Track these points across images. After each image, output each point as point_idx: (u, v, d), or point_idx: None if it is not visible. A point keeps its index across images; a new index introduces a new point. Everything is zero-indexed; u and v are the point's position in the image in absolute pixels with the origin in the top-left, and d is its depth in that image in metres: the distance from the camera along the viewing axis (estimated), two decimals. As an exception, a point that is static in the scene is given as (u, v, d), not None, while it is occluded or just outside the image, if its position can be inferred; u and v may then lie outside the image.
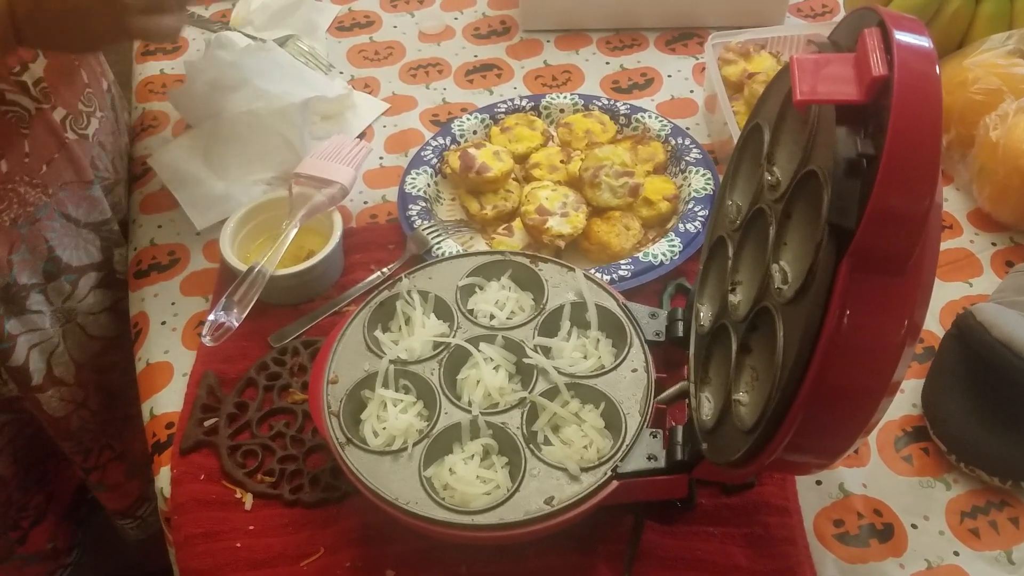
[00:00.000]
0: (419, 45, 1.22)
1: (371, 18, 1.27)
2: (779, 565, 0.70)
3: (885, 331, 0.52)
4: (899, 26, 0.50)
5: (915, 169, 0.48)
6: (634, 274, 0.88)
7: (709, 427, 0.64)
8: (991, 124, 0.94)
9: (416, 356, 0.73)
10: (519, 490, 0.66)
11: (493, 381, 0.71)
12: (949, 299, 0.89)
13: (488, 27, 1.25)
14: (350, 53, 1.21)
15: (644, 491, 0.68)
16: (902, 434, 0.79)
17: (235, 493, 0.76)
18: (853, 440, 0.56)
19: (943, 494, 0.76)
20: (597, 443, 0.69)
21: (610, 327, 0.76)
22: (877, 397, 0.53)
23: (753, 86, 1.02)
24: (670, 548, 0.71)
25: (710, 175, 0.98)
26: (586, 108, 1.07)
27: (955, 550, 0.72)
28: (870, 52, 0.50)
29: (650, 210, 0.96)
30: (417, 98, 1.14)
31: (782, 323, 0.56)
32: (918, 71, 0.48)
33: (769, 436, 0.55)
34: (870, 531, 0.73)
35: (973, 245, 0.95)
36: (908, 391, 0.82)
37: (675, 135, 1.02)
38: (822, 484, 0.76)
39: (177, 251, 0.97)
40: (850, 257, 0.50)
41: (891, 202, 0.48)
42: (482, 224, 0.98)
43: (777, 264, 0.60)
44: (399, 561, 0.72)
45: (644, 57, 1.19)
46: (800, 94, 0.52)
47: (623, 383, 0.72)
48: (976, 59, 1.00)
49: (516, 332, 0.75)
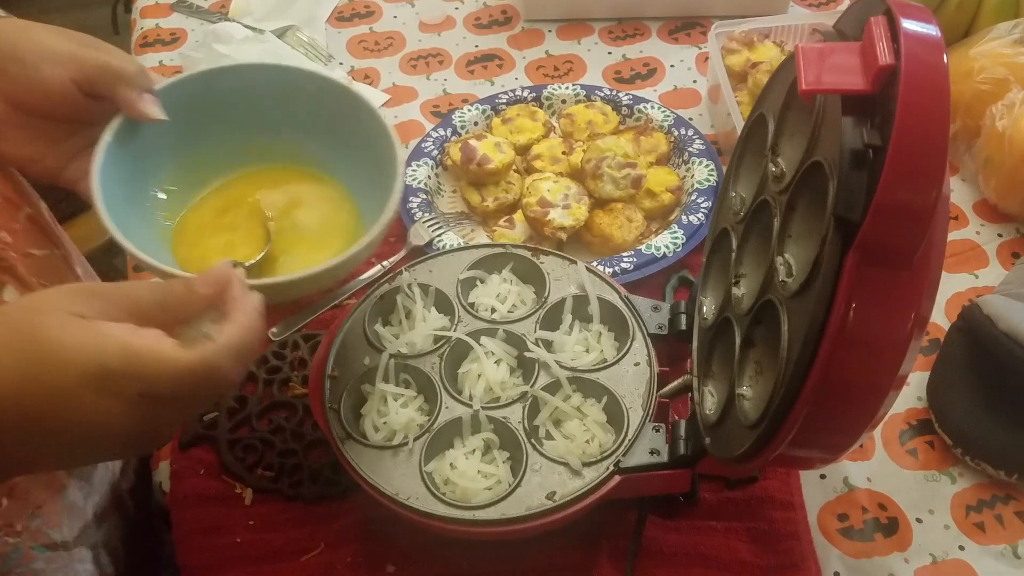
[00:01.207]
0: (419, 35, 1.21)
1: (371, 8, 1.26)
2: (783, 560, 0.69)
3: (891, 324, 0.51)
4: (906, 14, 0.49)
5: (922, 160, 0.47)
6: (636, 267, 0.88)
7: (712, 421, 0.64)
8: (997, 114, 0.93)
9: (417, 350, 0.73)
10: (520, 485, 0.65)
11: (494, 375, 0.71)
12: (955, 291, 0.89)
13: (489, 17, 1.24)
14: (350, 44, 1.20)
15: (647, 486, 0.68)
16: (907, 427, 0.79)
17: (235, 488, 0.76)
18: (859, 435, 0.56)
19: (948, 488, 0.75)
20: (599, 437, 0.68)
21: (612, 320, 0.75)
22: (883, 391, 0.53)
23: (757, 76, 1.01)
24: (673, 543, 0.71)
25: (713, 166, 0.97)
26: (588, 99, 1.06)
27: (961, 544, 0.72)
28: (876, 41, 0.49)
29: (653, 202, 0.95)
30: (417, 89, 1.13)
31: (787, 317, 0.56)
32: (926, 60, 0.48)
33: (773, 431, 0.54)
34: (875, 525, 0.73)
35: (979, 236, 0.94)
36: (913, 384, 0.81)
37: (678, 126, 1.02)
38: (826, 478, 0.76)
39: (176, 244, 0.97)
40: (856, 250, 0.49)
41: (898, 194, 0.48)
42: (483, 216, 0.97)
43: (781, 257, 0.59)
44: (400, 557, 0.71)
45: (647, 47, 1.18)
46: (805, 84, 0.52)
47: (625, 377, 0.71)
48: (982, 48, 0.99)
49: (517, 326, 0.74)
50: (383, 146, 0.69)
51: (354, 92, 0.72)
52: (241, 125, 0.73)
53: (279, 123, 0.73)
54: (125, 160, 0.66)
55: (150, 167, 0.69)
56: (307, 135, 0.74)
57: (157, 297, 0.52)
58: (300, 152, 0.75)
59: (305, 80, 0.73)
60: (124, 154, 0.65)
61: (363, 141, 0.71)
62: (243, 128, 0.73)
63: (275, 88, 0.72)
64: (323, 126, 0.73)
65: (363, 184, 0.72)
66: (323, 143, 0.74)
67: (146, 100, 0.65)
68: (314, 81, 0.73)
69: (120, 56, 0.65)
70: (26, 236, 0.69)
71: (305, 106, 0.73)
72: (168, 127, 0.67)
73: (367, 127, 0.71)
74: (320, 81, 0.73)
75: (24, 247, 0.68)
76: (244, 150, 0.74)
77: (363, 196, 0.72)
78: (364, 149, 0.71)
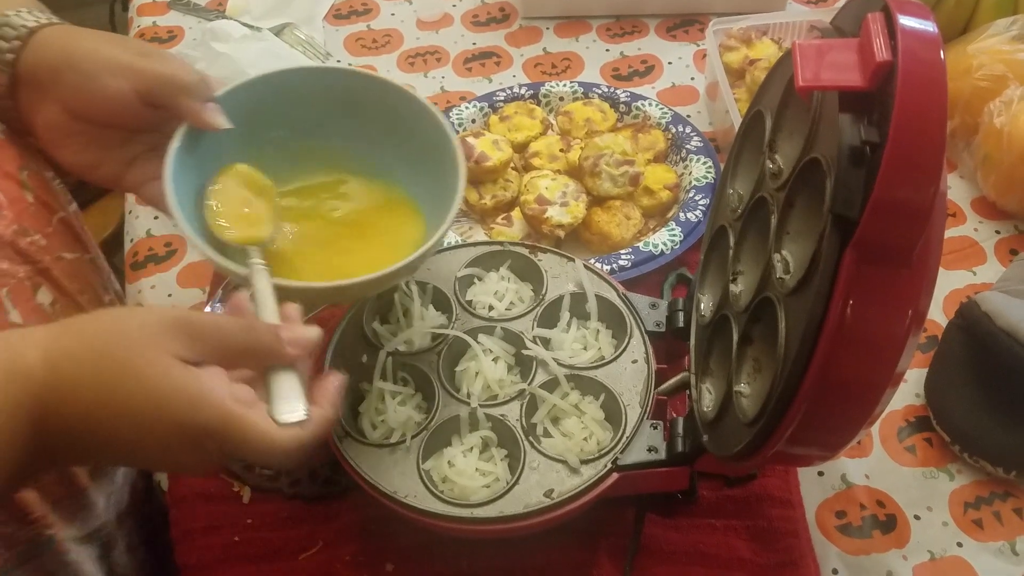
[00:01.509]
0: (417, 33, 1.21)
1: (368, 6, 1.26)
2: (782, 557, 0.69)
3: (889, 321, 0.51)
4: (903, 11, 0.49)
5: (920, 157, 0.47)
6: (634, 264, 0.88)
7: (710, 419, 0.64)
8: (995, 111, 0.93)
9: (415, 348, 0.73)
10: (519, 483, 0.65)
11: (492, 373, 0.71)
12: (953, 288, 0.89)
13: (487, 14, 1.24)
14: (347, 41, 1.20)
15: (645, 483, 0.68)
16: (905, 424, 0.79)
17: (233, 486, 0.76)
18: (856, 432, 0.56)
19: (946, 485, 0.75)
20: (597, 435, 0.68)
21: (610, 318, 0.75)
22: (881, 388, 0.53)
23: (755, 73, 1.01)
24: (672, 541, 0.71)
25: (711, 163, 0.97)
26: (586, 96, 1.06)
27: (959, 541, 0.72)
28: (874, 37, 0.49)
29: (651, 199, 0.95)
30: (415, 86, 1.13)
31: (784, 314, 0.56)
32: (923, 57, 0.48)
33: (771, 428, 0.54)
34: (873, 522, 0.73)
35: (977, 233, 0.94)
36: (911, 381, 0.81)
37: (676, 123, 1.01)
38: (824, 475, 0.76)
39: (174, 242, 0.97)
40: (854, 247, 0.49)
41: (896, 190, 0.47)
42: (481, 214, 0.97)
43: (779, 254, 0.59)
44: (398, 555, 0.71)
45: (644, 44, 1.18)
46: (803, 80, 0.52)
47: (623, 374, 0.71)
48: (980, 45, 0.99)
49: (515, 323, 0.74)
50: (444, 151, 0.71)
51: (416, 96, 0.73)
52: (301, 128, 0.74)
53: (340, 127, 0.75)
54: (191, 166, 0.67)
55: (214, 171, 0.70)
56: (368, 140, 0.75)
57: (248, 342, 0.55)
58: (361, 156, 0.76)
59: (366, 83, 0.74)
60: (190, 161, 0.67)
61: (423, 146, 0.73)
62: (303, 131, 0.74)
63: (336, 92, 0.73)
64: (383, 130, 0.75)
65: (422, 188, 0.74)
66: (384, 147, 0.75)
67: (210, 110, 0.66)
68: (375, 85, 0.74)
69: (180, 66, 0.66)
70: (59, 239, 0.70)
71: (367, 110, 0.74)
72: (229, 132, 0.67)
73: (428, 133, 0.72)
74: (381, 84, 0.74)
75: (57, 250, 0.69)
76: (304, 152, 0.75)
77: (424, 200, 0.74)
78: (424, 153, 0.73)
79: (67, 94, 0.65)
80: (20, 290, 0.63)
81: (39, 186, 0.70)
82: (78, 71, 0.64)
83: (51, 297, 0.66)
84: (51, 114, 0.66)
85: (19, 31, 0.65)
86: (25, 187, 0.68)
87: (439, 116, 0.72)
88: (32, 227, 0.66)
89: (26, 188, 0.68)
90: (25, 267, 0.65)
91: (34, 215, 0.67)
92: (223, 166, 0.70)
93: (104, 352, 0.51)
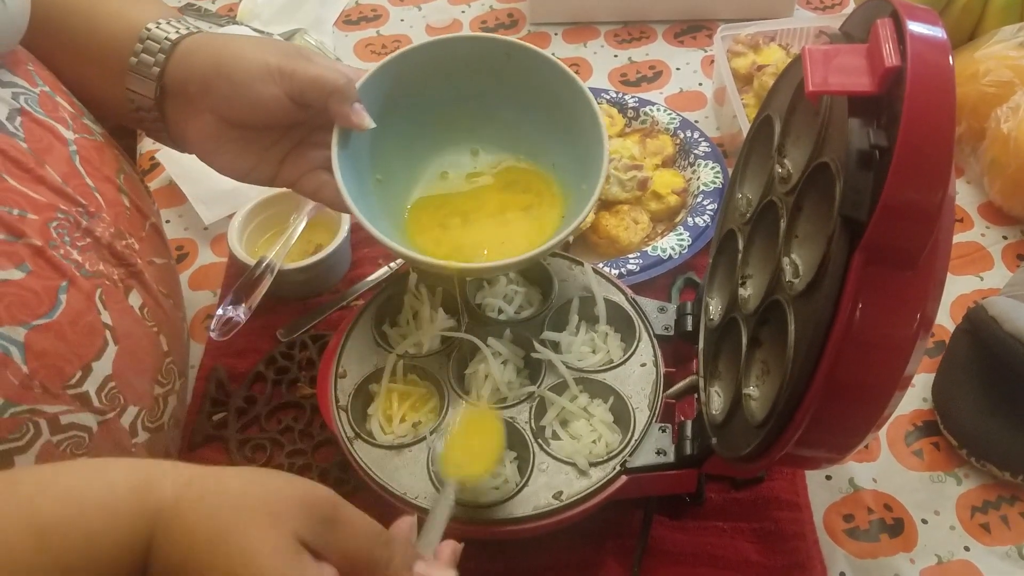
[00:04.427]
0: (426, 38, 1.21)
1: (378, 12, 1.26)
2: (789, 560, 0.70)
3: (897, 325, 0.51)
4: (912, 16, 0.49)
5: (929, 161, 0.47)
6: (643, 268, 0.88)
7: (719, 421, 0.64)
8: (1002, 116, 0.93)
9: (424, 350, 0.73)
10: (527, 485, 0.66)
11: (501, 376, 0.71)
12: (960, 293, 0.89)
13: (495, 20, 1.24)
14: (357, 47, 1.21)
15: (653, 486, 0.68)
16: (913, 428, 0.79)
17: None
18: (864, 435, 0.56)
19: (954, 489, 0.75)
20: (606, 437, 0.68)
21: (619, 321, 0.75)
22: (889, 391, 0.53)
23: (763, 78, 1.01)
24: (679, 543, 0.71)
25: (719, 168, 0.97)
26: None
27: (966, 545, 0.72)
28: (883, 42, 0.49)
29: (659, 204, 0.96)
30: (424, 92, 1.14)
31: (793, 317, 0.56)
32: (932, 62, 0.48)
33: (780, 431, 0.55)
34: (880, 526, 0.73)
35: (984, 239, 0.94)
36: (919, 385, 0.81)
37: (684, 128, 1.02)
38: (832, 479, 0.76)
39: (185, 246, 0.97)
40: (863, 250, 0.49)
41: (904, 194, 0.48)
42: (490, 218, 0.97)
43: (788, 257, 0.59)
44: (408, 555, 0.71)
45: (652, 50, 1.19)
46: (812, 85, 0.52)
47: (632, 377, 0.71)
48: (987, 51, 0.99)
49: (524, 326, 0.74)
50: (591, 131, 0.71)
51: (569, 71, 0.73)
52: (447, 99, 0.75)
53: (489, 99, 0.75)
54: (349, 158, 0.68)
55: (371, 160, 0.72)
56: (519, 114, 0.76)
57: (375, 557, 0.50)
58: (510, 134, 0.77)
59: (518, 52, 0.74)
60: (348, 154, 0.68)
61: (571, 126, 0.73)
62: (450, 102, 0.75)
63: (484, 60, 0.74)
64: (534, 104, 0.75)
65: (563, 165, 0.75)
66: (533, 124, 0.76)
67: (357, 111, 0.67)
68: (528, 55, 0.74)
69: (328, 67, 0.67)
70: (150, 244, 0.71)
71: (515, 79, 0.74)
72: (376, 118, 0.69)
73: (579, 112, 0.72)
74: (534, 56, 0.74)
75: (149, 255, 0.70)
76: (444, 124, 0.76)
77: (564, 181, 0.75)
78: (571, 133, 0.73)
79: (220, 103, 0.66)
80: (113, 292, 0.64)
81: (133, 190, 0.71)
82: (229, 80, 0.65)
83: (140, 300, 0.67)
84: (205, 124, 0.67)
85: (162, 44, 0.66)
86: (122, 191, 0.69)
87: (588, 93, 0.72)
88: (127, 230, 0.68)
89: (123, 192, 0.69)
90: (119, 269, 0.66)
91: (129, 219, 0.69)
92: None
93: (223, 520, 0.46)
